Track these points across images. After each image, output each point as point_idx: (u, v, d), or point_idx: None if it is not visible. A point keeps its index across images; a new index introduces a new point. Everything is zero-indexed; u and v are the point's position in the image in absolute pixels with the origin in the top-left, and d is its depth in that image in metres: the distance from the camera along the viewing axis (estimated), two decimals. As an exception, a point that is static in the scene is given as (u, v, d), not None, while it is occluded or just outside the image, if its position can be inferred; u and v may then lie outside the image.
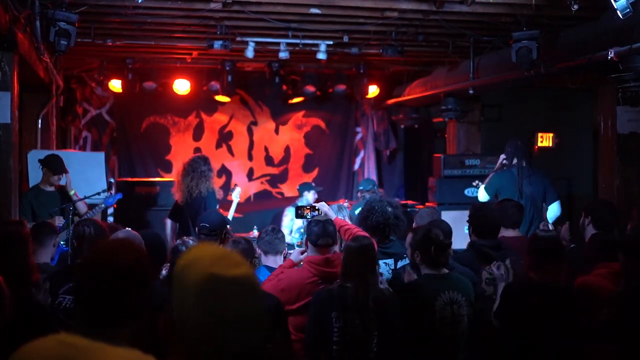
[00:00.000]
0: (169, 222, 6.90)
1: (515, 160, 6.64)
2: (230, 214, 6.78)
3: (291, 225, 8.24)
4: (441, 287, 3.76)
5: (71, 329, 1.77)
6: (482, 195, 6.70)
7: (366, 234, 4.19)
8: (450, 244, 3.93)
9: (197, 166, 6.87)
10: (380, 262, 4.27)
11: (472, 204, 4.83)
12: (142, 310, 1.83)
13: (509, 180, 6.58)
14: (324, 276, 4.09)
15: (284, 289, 4.06)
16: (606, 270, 3.97)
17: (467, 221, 4.71)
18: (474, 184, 7.17)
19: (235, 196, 6.97)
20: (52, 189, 6.48)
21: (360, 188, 8.55)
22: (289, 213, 8.32)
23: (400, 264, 4.43)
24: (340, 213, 5.25)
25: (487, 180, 6.81)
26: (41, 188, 6.49)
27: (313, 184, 9.14)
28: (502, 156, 6.82)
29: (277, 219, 9.04)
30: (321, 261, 4.12)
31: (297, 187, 9.06)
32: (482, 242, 4.44)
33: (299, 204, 7.54)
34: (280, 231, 4.72)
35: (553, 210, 6.62)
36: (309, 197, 8.53)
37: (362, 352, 3.59)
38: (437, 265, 3.82)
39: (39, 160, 6.58)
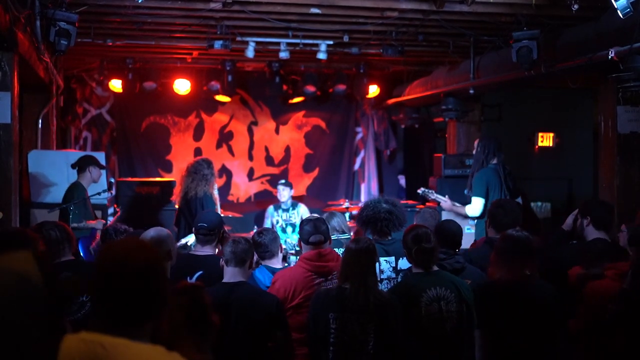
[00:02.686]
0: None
1: (495, 159, 6.34)
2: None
3: (269, 224, 8.60)
4: (427, 283, 3.80)
5: (90, 327, 1.77)
6: (478, 203, 6.25)
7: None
8: (436, 247, 3.92)
9: (201, 169, 6.90)
10: (381, 259, 4.30)
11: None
12: (162, 307, 1.84)
13: (495, 176, 6.31)
14: (317, 271, 4.15)
15: (278, 289, 4.09)
16: (614, 271, 3.97)
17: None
18: (422, 191, 7.13)
19: None
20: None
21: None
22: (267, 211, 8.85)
23: (400, 261, 4.45)
24: (340, 218, 5.37)
25: (471, 183, 6.41)
26: (85, 188, 6.52)
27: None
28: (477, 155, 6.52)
29: (260, 219, 9.15)
30: (313, 256, 4.18)
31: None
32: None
33: None
34: (272, 232, 4.72)
35: None
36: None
37: (358, 353, 3.59)
38: (423, 266, 3.88)
39: (89, 159, 6.58)
